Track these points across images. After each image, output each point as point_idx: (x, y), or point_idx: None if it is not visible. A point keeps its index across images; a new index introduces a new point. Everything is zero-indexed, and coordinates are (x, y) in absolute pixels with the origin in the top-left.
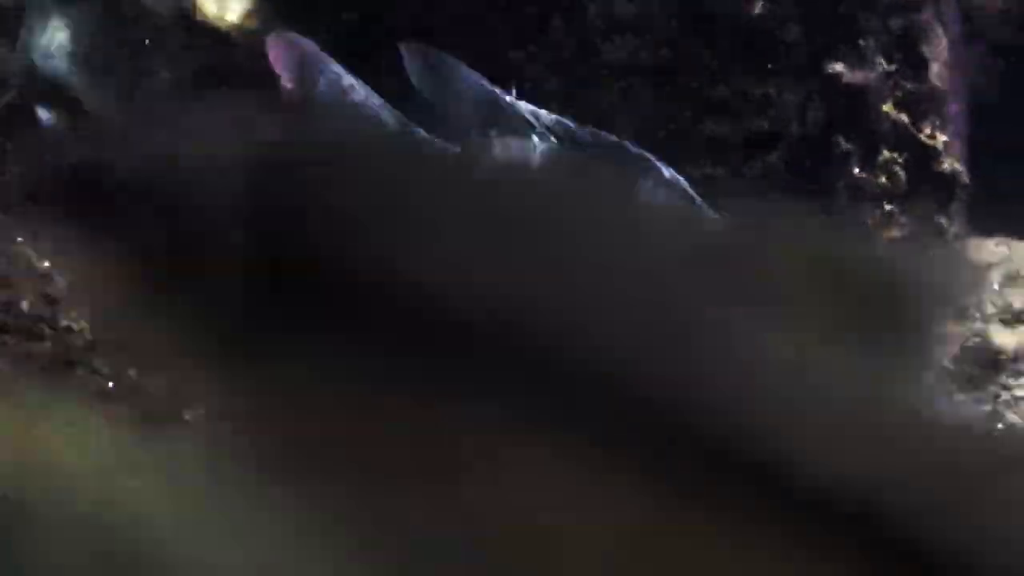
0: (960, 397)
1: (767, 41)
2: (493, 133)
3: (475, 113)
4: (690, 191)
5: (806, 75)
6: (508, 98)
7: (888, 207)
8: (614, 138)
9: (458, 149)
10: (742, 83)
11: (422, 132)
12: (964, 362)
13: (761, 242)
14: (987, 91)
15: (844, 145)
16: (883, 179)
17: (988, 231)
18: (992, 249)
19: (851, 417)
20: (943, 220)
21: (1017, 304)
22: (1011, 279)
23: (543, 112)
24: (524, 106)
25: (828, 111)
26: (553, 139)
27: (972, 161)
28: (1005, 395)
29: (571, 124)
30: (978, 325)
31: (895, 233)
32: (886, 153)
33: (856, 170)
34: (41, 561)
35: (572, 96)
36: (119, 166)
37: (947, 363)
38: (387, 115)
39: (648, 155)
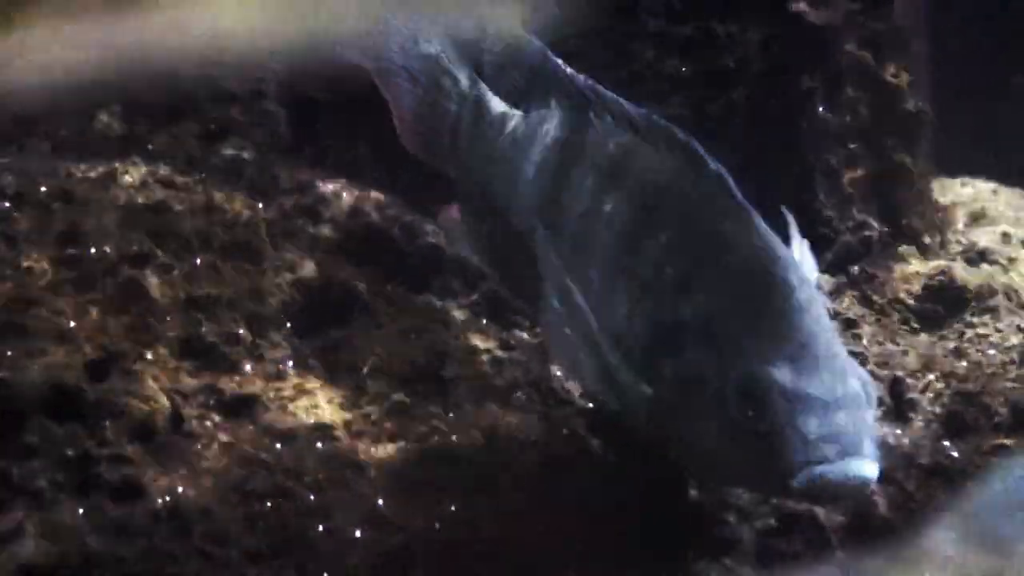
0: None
1: None
2: (552, 103)
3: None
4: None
5: (769, 14)
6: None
7: (852, 146)
8: (664, 122)
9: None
10: (705, 21)
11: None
12: (928, 300)
13: None
14: (951, 31)
15: (807, 83)
16: (846, 118)
17: (953, 171)
18: (957, 189)
19: None
20: (907, 159)
21: (982, 243)
22: (976, 218)
23: (601, 89)
24: (583, 80)
25: (791, 50)
26: (608, 117)
27: (936, 100)
28: (969, 332)
29: (627, 106)
30: (942, 263)
31: (859, 172)
32: (849, 92)
33: (819, 109)
34: None
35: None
36: None
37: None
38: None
39: (692, 140)
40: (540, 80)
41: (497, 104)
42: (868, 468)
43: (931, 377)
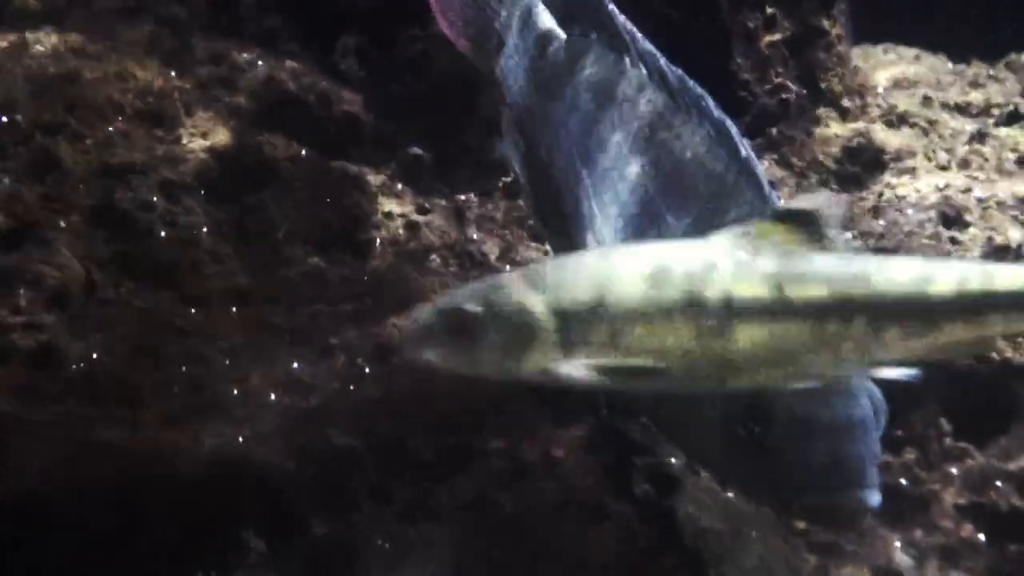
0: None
1: None
2: (593, 35)
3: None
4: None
5: None
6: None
7: (770, 10)
8: (700, 89)
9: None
10: None
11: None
12: (847, 162)
13: None
14: None
15: None
16: None
17: (877, 37)
18: (880, 56)
19: None
20: (825, 23)
21: (902, 106)
22: (897, 83)
23: (639, 35)
24: (623, 21)
25: None
26: (643, 69)
27: None
28: (888, 193)
29: (662, 61)
30: (861, 125)
31: (777, 35)
32: None
33: None
34: None
35: None
36: None
37: (830, 163)
38: None
39: (726, 117)
40: (584, 4)
41: (546, 19)
42: (869, 498)
43: (848, 236)
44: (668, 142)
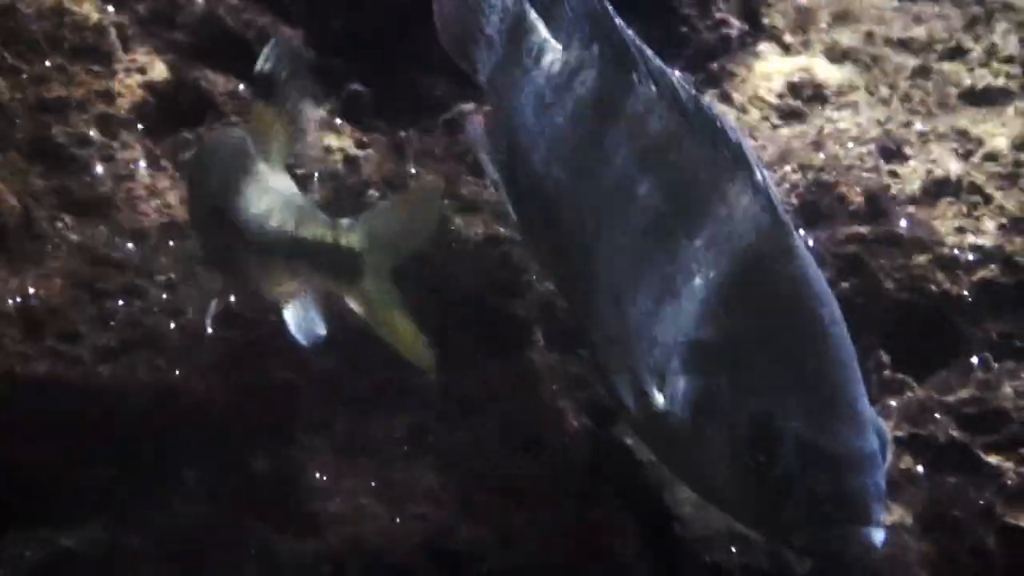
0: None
1: None
2: (595, 48)
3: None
4: None
5: None
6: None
7: None
8: (715, 110)
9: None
10: None
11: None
12: (788, 97)
13: None
14: None
15: None
16: None
17: None
18: None
19: None
20: None
21: (845, 42)
22: (840, 18)
23: (648, 51)
24: (631, 35)
25: None
26: (653, 86)
27: None
28: (829, 127)
29: (675, 79)
30: (804, 61)
31: None
32: None
33: None
34: None
35: None
36: None
37: (771, 98)
38: None
39: (743, 140)
40: (585, 18)
41: (540, 30)
42: (873, 536)
43: (788, 168)
44: (681, 163)
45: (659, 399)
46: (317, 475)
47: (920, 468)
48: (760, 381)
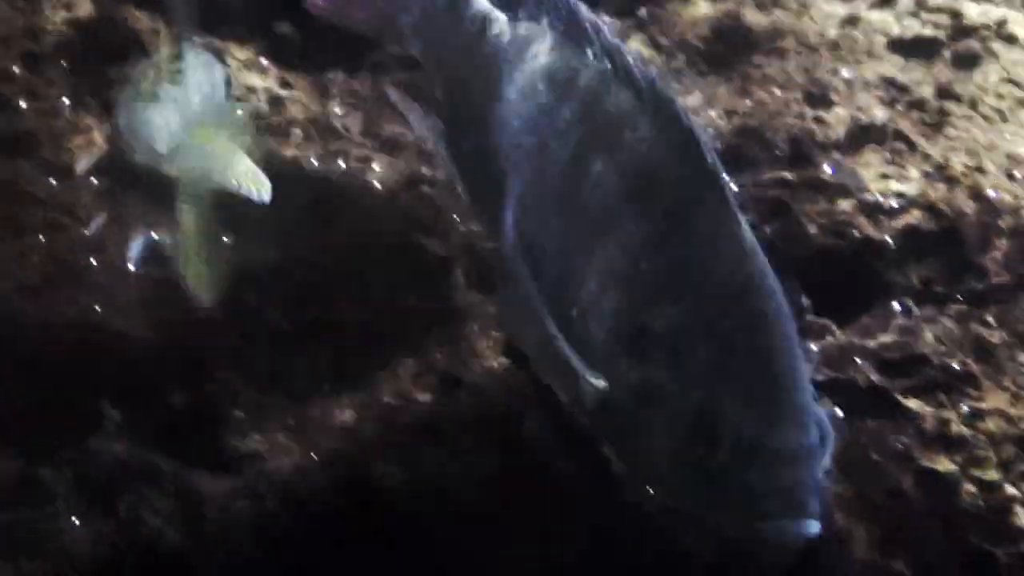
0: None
1: None
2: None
3: None
4: None
5: None
6: None
7: None
8: (670, 92)
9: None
10: None
11: None
12: (716, 42)
13: None
14: None
15: None
16: None
17: None
18: None
19: None
20: None
21: None
22: None
23: (604, 27)
24: (586, 11)
25: None
26: (608, 64)
27: None
28: (756, 73)
29: (630, 58)
30: (731, 6)
31: None
32: None
33: None
34: None
35: None
36: None
37: (698, 43)
38: None
39: (695, 124)
40: None
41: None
42: (807, 528)
43: (713, 113)
44: (632, 144)
45: (601, 382)
46: (235, 411)
47: (839, 411)
48: (702, 372)
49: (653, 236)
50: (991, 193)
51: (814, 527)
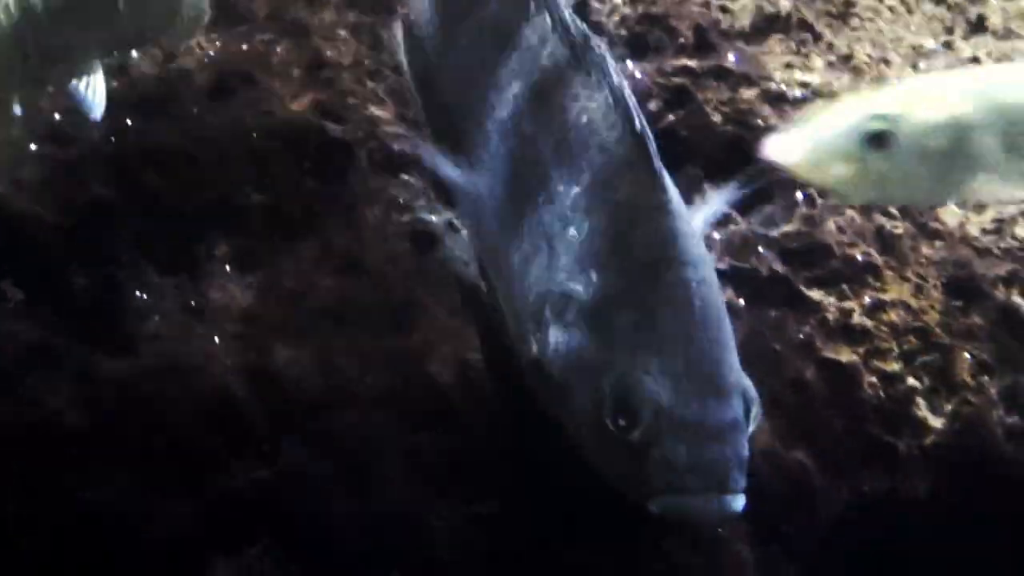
0: None
1: None
2: None
3: None
4: None
5: None
6: None
7: None
8: (603, 49)
9: None
10: None
11: None
12: None
13: None
14: None
15: None
16: None
17: None
18: None
19: None
20: None
21: None
22: None
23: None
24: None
25: None
26: (547, 17)
27: None
28: None
29: (567, 13)
30: None
31: None
32: None
33: None
34: None
35: None
36: None
37: None
38: None
39: (625, 84)
40: None
41: None
42: (730, 503)
43: (618, 1)
44: (565, 103)
45: (532, 346)
46: (136, 293)
47: (741, 301)
48: (625, 342)
49: (579, 200)
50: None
51: (738, 502)
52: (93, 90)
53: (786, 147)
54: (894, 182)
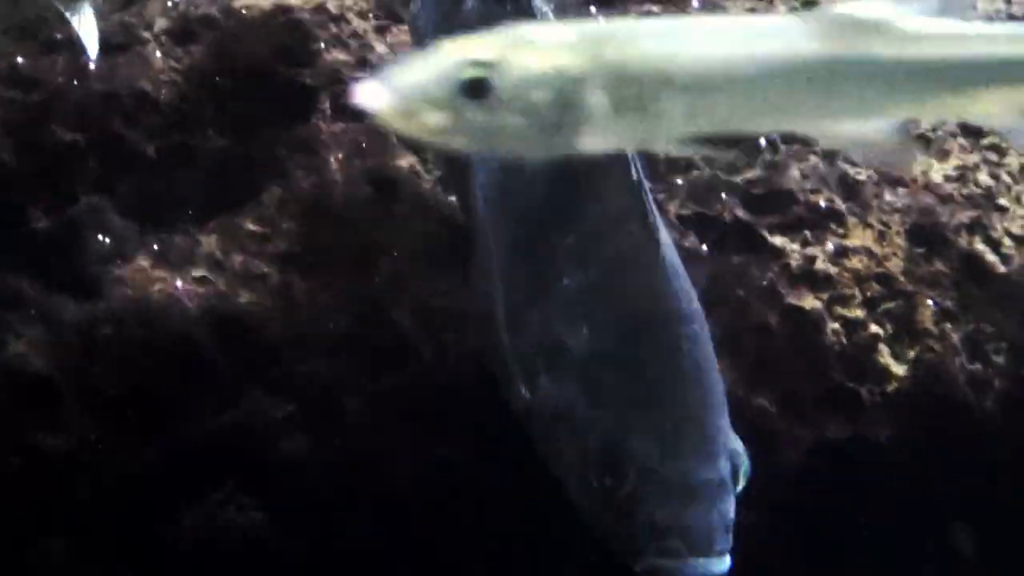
0: None
1: None
2: None
3: None
4: None
5: None
6: None
7: None
8: None
9: None
10: None
11: None
12: None
13: None
14: None
15: None
16: None
17: None
18: None
19: None
20: None
21: None
22: None
23: None
24: None
25: None
26: None
27: None
28: None
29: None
30: None
31: None
32: None
33: None
34: None
35: None
36: None
37: None
38: None
39: None
40: None
41: None
42: (713, 566)
43: None
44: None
45: (525, 392)
46: (99, 237)
47: (704, 247)
48: (613, 399)
49: (574, 250)
50: None
51: (723, 565)
52: (86, 30)
53: (377, 93)
54: (495, 133)
